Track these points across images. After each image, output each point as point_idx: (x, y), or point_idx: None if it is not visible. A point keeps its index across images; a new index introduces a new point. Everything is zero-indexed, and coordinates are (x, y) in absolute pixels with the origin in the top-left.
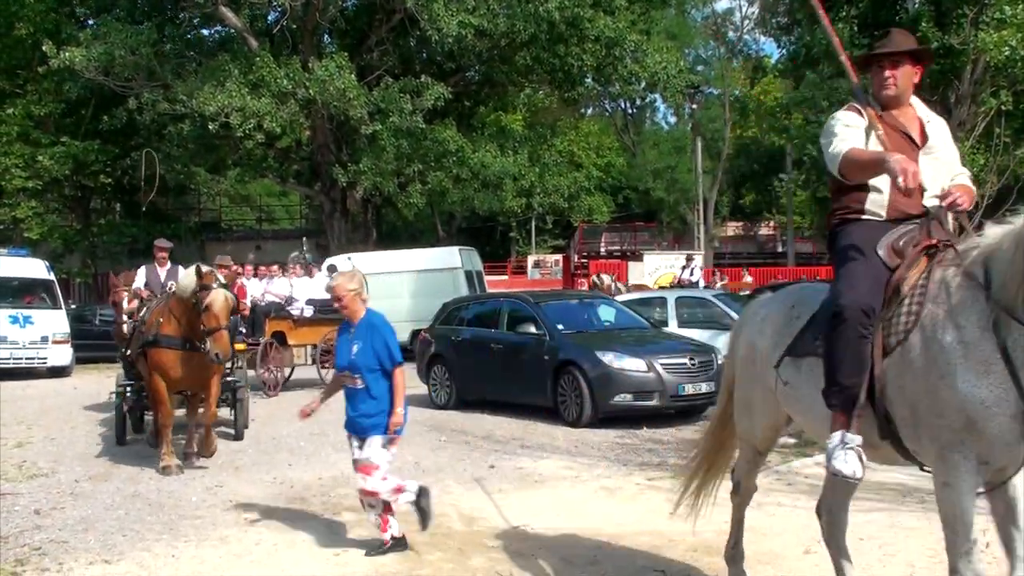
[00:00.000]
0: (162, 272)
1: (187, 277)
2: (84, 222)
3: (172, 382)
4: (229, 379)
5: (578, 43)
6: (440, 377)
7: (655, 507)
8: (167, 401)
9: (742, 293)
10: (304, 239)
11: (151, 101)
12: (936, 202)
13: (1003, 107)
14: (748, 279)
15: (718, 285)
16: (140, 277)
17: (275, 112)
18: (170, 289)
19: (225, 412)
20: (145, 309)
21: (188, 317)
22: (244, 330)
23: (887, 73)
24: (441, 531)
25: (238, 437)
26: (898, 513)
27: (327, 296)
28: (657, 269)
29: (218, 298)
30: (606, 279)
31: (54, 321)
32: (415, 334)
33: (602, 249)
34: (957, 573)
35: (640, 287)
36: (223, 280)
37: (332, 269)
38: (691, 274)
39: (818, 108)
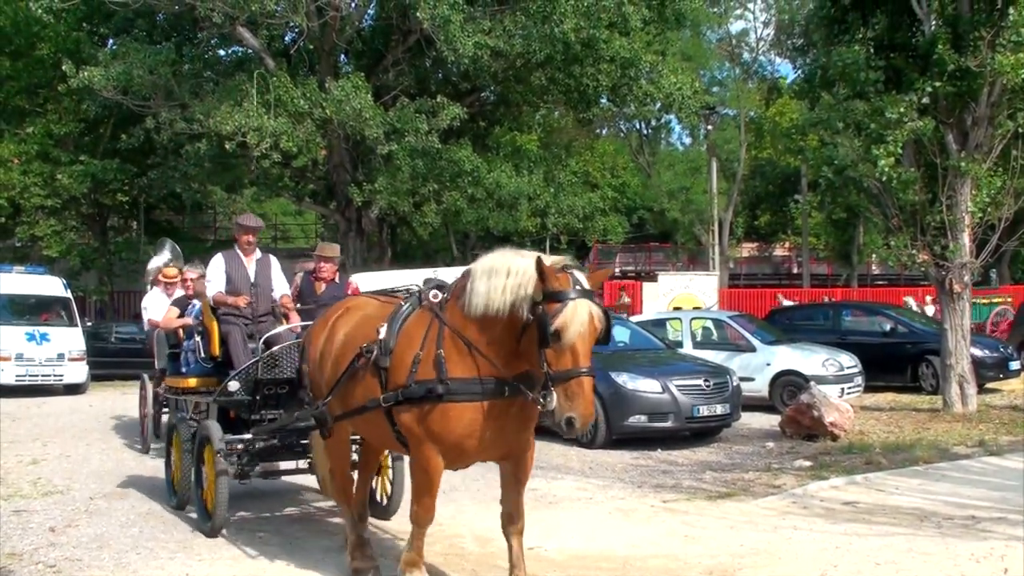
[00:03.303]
0: (249, 265)
1: (493, 275)
2: (101, 240)
3: (461, 454)
4: None
5: (593, 64)
6: None
7: (670, 529)
8: (437, 488)
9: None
10: (168, 239)
11: (169, 120)
12: None
13: (1020, 129)
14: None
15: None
16: (217, 272)
17: (292, 132)
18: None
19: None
20: (384, 327)
21: (506, 343)
22: None
23: None
24: (455, 552)
25: (387, 515)
26: (915, 538)
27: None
28: (672, 290)
29: (580, 317)
30: None
31: (70, 338)
32: None
33: (617, 269)
34: None
35: None
36: (584, 283)
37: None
38: None
39: (834, 129)
